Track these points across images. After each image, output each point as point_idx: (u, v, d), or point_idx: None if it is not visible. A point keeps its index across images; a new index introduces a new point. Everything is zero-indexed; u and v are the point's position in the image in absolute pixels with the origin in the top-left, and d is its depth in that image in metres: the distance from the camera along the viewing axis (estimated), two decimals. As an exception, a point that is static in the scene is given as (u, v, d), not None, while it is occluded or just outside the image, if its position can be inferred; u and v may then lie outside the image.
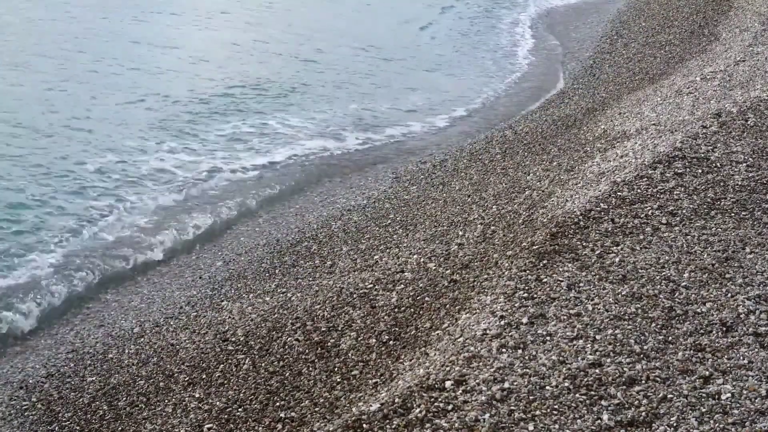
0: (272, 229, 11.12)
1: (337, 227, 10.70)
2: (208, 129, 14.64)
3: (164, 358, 7.91)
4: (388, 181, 12.69)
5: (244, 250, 10.45)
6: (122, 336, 8.45)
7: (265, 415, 6.60)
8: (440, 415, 5.10)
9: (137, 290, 9.68)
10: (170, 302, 9.19)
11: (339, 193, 12.44)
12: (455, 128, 15.81)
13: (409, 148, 14.65)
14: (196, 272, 10.00)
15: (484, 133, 14.84)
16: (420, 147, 14.67)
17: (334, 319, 7.82)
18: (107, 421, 7.12)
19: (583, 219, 7.76)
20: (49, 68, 17.02)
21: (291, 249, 10.22)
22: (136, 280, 9.93)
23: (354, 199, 11.97)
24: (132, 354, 8.05)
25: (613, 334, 5.88)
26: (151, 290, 9.64)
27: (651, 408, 5.11)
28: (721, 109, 10.81)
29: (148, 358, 7.95)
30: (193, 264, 10.31)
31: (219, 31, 21.89)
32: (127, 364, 7.88)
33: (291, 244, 10.40)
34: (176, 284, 9.72)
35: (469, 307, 6.76)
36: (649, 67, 17.09)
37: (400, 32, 23.01)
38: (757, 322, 6.04)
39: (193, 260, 10.43)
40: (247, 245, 10.60)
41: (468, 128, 15.75)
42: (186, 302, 9.11)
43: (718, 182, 8.48)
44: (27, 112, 14.36)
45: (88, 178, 12.19)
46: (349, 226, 10.67)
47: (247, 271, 9.77)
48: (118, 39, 19.73)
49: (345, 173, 13.49)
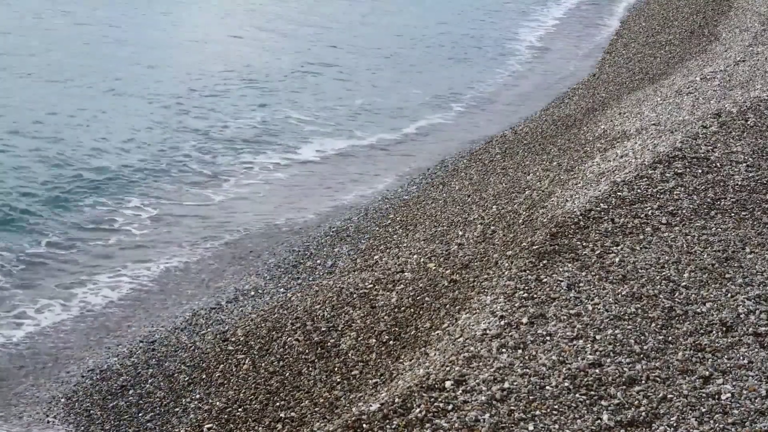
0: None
1: (338, 227, 10.72)
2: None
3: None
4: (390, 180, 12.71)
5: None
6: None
7: (265, 415, 6.60)
8: (440, 415, 5.10)
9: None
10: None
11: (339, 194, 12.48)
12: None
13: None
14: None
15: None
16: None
17: (334, 319, 7.82)
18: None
19: (583, 219, 7.76)
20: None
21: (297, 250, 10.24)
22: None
23: (354, 199, 11.99)
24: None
25: (613, 334, 5.88)
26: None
27: (651, 408, 5.11)
28: (721, 109, 10.81)
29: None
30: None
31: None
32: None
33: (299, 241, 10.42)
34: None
35: (469, 307, 6.76)
36: (649, 67, 17.09)
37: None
38: (757, 322, 6.04)
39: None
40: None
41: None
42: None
43: (718, 182, 8.48)
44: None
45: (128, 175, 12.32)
46: (349, 226, 10.69)
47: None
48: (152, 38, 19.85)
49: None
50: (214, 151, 13.63)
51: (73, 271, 9.75)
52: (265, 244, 10.59)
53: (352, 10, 24.60)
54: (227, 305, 8.85)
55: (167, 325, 8.61)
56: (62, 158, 12.56)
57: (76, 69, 16.94)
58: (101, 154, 12.94)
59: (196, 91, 16.30)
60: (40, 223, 10.59)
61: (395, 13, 24.88)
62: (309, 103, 16.31)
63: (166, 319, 8.78)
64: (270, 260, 9.97)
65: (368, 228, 10.46)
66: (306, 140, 14.49)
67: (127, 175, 12.34)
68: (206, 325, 8.44)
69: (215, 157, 13.42)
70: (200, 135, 14.19)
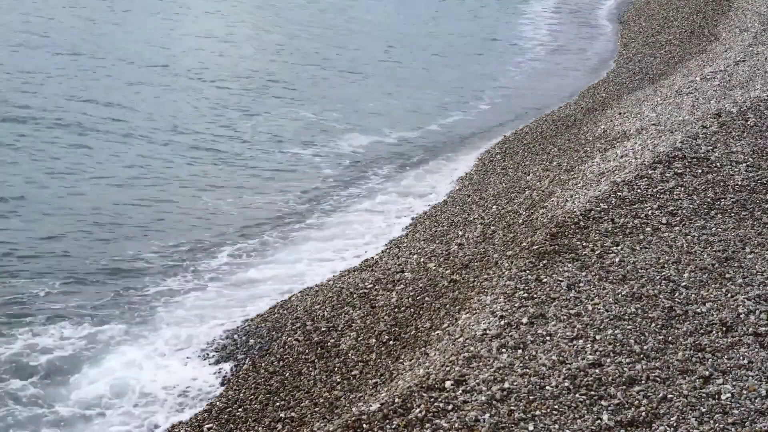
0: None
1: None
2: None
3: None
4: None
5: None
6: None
7: (265, 415, 6.61)
8: (440, 415, 5.10)
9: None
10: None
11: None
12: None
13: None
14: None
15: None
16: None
17: (334, 319, 7.82)
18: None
19: (583, 219, 7.76)
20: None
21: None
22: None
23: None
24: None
25: (613, 334, 5.88)
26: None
27: (651, 408, 5.11)
28: (721, 109, 10.81)
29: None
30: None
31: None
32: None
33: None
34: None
35: (469, 307, 6.76)
36: (649, 67, 17.09)
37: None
38: (757, 322, 6.04)
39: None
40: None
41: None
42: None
43: (718, 182, 8.48)
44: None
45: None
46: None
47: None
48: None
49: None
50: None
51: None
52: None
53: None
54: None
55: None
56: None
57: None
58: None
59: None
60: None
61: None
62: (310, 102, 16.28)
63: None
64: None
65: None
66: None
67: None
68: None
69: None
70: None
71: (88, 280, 9.20)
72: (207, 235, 10.46)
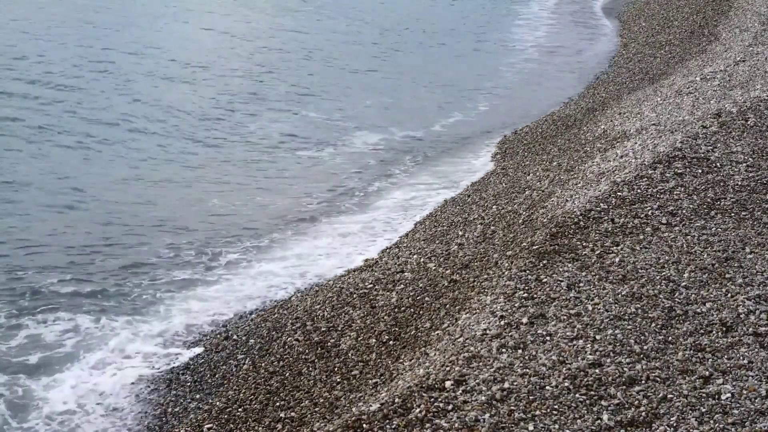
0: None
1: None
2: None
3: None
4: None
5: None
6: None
7: (265, 415, 6.60)
8: (440, 415, 5.10)
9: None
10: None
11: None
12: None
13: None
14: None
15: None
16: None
17: (334, 319, 7.82)
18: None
19: (583, 219, 7.76)
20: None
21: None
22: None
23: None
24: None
25: (613, 334, 5.88)
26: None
27: (651, 408, 5.11)
28: (721, 109, 10.81)
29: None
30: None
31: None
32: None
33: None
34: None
35: (469, 307, 6.76)
36: (649, 67, 17.09)
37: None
38: (757, 322, 6.04)
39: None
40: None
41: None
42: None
43: (718, 182, 8.48)
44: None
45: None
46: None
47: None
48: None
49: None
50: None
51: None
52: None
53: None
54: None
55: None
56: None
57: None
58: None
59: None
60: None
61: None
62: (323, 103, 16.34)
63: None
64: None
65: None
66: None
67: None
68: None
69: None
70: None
71: (93, 275, 9.34)
72: (214, 234, 10.59)
